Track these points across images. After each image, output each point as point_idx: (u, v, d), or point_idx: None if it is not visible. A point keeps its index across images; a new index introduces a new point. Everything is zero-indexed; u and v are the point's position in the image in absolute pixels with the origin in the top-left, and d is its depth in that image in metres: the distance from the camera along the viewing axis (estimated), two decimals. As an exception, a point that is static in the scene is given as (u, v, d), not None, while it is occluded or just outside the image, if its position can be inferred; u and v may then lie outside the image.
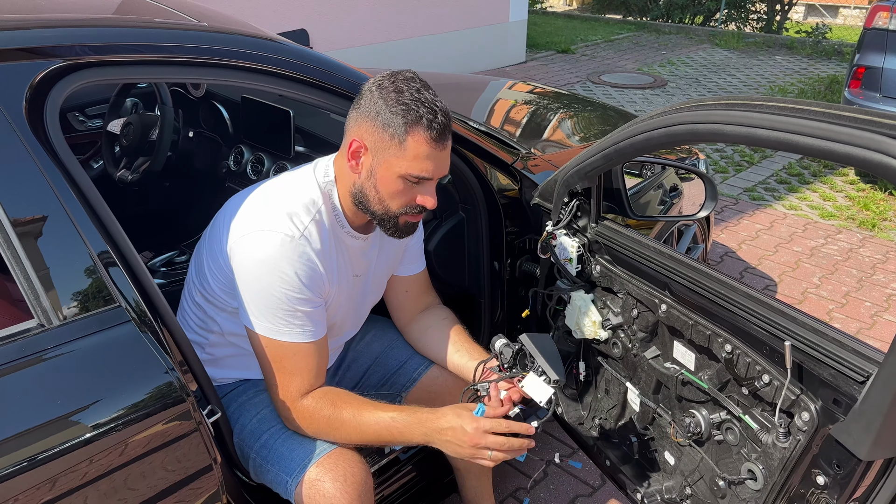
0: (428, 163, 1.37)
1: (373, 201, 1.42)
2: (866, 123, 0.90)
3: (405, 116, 1.32)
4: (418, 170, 1.37)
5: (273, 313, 1.38)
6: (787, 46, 9.84)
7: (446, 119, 1.36)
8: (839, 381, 1.13)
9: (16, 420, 1.06)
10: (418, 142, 1.34)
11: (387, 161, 1.37)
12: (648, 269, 1.54)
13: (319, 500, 1.40)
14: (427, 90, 1.37)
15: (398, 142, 1.34)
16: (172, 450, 1.23)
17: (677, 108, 1.24)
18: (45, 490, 1.07)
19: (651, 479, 1.69)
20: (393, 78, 1.37)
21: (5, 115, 1.14)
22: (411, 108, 1.32)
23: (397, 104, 1.33)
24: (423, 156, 1.35)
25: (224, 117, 2.61)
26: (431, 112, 1.34)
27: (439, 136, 1.35)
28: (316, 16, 6.11)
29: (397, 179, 1.38)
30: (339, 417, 1.43)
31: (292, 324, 1.40)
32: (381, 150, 1.36)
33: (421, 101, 1.34)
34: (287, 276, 1.36)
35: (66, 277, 1.15)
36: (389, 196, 1.40)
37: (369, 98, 1.36)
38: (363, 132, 1.37)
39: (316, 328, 1.43)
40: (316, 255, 1.40)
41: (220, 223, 1.47)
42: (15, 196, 1.12)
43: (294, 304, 1.38)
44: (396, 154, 1.35)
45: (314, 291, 1.41)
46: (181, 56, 1.37)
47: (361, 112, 1.37)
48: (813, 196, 4.72)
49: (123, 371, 1.18)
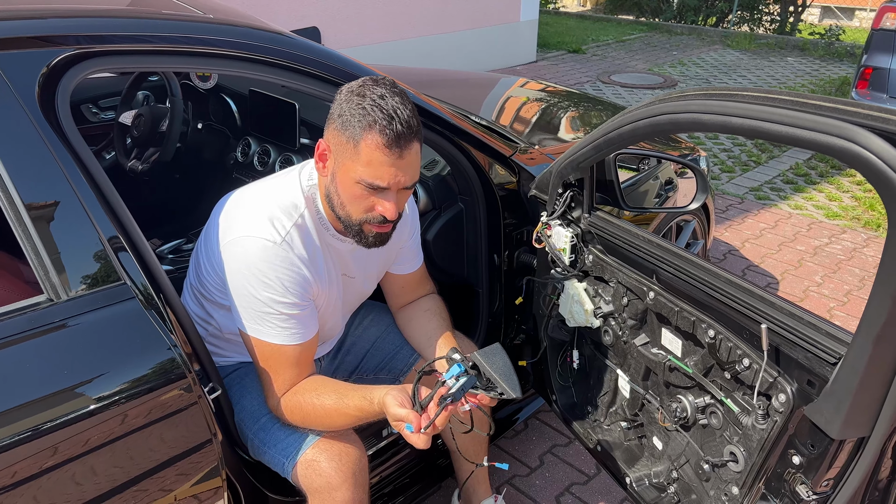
0: (382, 170, 1.34)
1: (337, 205, 1.42)
2: (830, 111, 0.94)
3: (361, 120, 1.31)
4: (371, 176, 1.34)
5: (259, 316, 1.41)
6: (800, 48, 9.82)
7: (404, 127, 1.32)
8: (813, 363, 1.17)
9: (25, 388, 1.11)
10: (370, 147, 1.32)
11: (344, 164, 1.36)
12: (637, 257, 1.58)
13: (315, 479, 1.45)
14: (393, 97, 1.33)
15: (353, 145, 1.33)
16: (174, 423, 1.28)
17: (661, 99, 1.28)
18: (50, 456, 1.12)
19: (640, 463, 1.73)
20: (363, 83, 1.36)
21: (19, 101, 1.20)
22: (367, 113, 1.31)
23: (357, 108, 1.32)
24: (376, 162, 1.33)
25: (232, 110, 2.67)
26: (387, 118, 1.31)
27: (393, 142, 1.31)
28: (328, 14, 6.18)
29: (354, 184, 1.37)
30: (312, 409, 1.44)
31: (279, 327, 1.42)
32: (339, 153, 1.36)
33: (380, 106, 1.31)
34: (270, 281, 1.38)
35: (74, 255, 1.20)
36: (349, 201, 1.40)
37: (338, 102, 1.36)
38: (329, 135, 1.38)
39: (304, 330, 1.45)
40: (300, 260, 1.42)
41: (211, 225, 1.48)
42: (26, 177, 1.18)
43: (280, 308, 1.40)
44: (352, 158, 1.34)
45: (300, 296, 1.42)
46: (186, 46, 1.43)
47: (330, 115, 1.38)
48: (819, 196, 4.73)
49: (128, 346, 1.23)
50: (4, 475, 1.07)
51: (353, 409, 1.41)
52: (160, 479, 1.29)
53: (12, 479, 1.08)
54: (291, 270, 1.40)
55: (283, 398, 1.47)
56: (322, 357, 1.83)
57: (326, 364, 1.86)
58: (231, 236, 1.41)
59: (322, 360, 1.84)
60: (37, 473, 1.11)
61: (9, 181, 1.16)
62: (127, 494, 1.24)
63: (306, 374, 1.50)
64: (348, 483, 1.44)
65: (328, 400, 1.43)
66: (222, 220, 1.45)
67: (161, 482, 1.29)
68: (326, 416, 1.44)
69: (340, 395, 1.44)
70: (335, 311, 1.64)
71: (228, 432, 1.57)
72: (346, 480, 1.44)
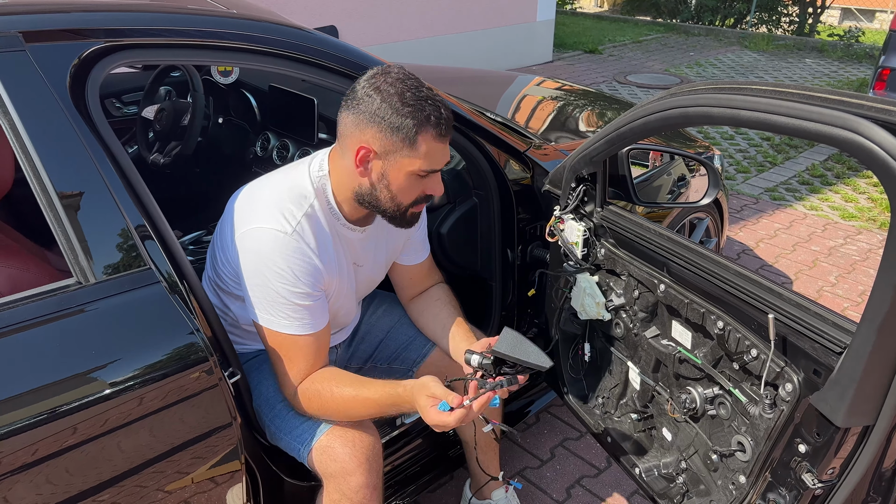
0: (439, 156, 1.43)
1: (384, 200, 1.46)
2: (836, 103, 0.97)
3: (414, 118, 1.35)
4: (430, 165, 1.42)
5: (272, 307, 1.43)
6: (818, 49, 9.76)
7: (449, 111, 1.41)
8: (819, 352, 1.19)
9: (54, 367, 1.16)
10: (429, 140, 1.38)
11: (398, 162, 1.40)
12: (649, 250, 1.61)
13: (330, 464, 1.49)
14: (423, 86, 1.40)
15: (409, 143, 1.37)
16: (195, 406, 1.31)
17: (671, 94, 1.31)
18: (73, 435, 1.16)
19: (649, 454, 1.76)
20: (386, 77, 1.38)
21: (51, 91, 1.25)
22: (418, 109, 1.35)
23: (403, 106, 1.35)
24: (433, 151, 1.41)
25: (252, 105, 2.72)
26: (436, 109, 1.38)
27: (445, 129, 1.40)
28: (345, 13, 6.23)
29: (409, 177, 1.42)
30: (331, 397, 1.47)
31: (291, 317, 1.44)
32: (391, 153, 1.39)
33: (424, 99, 1.37)
34: (282, 271, 1.40)
35: (101, 240, 1.25)
36: (401, 193, 1.45)
37: (369, 102, 1.36)
38: (369, 138, 1.38)
39: (315, 320, 1.47)
40: (310, 250, 1.44)
41: (225, 218, 1.52)
42: (58, 165, 1.23)
43: (292, 299, 1.42)
44: (408, 155, 1.39)
45: (312, 286, 1.45)
46: (210, 40, 1.47)
47: (362, 117, 1.37)
48: (835, 197, 4.72)
49: (152, 328, 1.27)
50: (30, 451, 1.11)
51: (374, 397, 1.45)
52: (180, 461, 1.32)
53: (35, 457, 1.12)
54: (303, 260, 1.42)
55: (300, 388, 1.50)
56: (339, 345, 1.87)
57: (342, 352, 1.89)
58: (243, 228, 1.44)
59: (338, 348, 1.88)
60: (62, 450, 1.15)
61: (41, 168, 1.20)
62: (146, 475, 1.28)
63: (320, 364, 1.52)
64: (363, 468, 1.48)
65: (348, 390, 1.46)
66: (235, 213, 1.48)
67: (181, 464, 1.33)
68: (345, 405, 1.47)
69: (360, 385, 1.47)
70: (349, 298, 1.67)
71: (247, 417, 1.61)
72: (361, 465, 1.48)
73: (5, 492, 1.10)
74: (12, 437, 1.09)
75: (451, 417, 1.33)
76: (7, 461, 1.09)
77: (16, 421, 1.09)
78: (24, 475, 1.11)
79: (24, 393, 1.12)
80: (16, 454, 1.10)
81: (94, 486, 1.20)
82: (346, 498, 1.48)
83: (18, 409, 1.10)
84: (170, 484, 1.33)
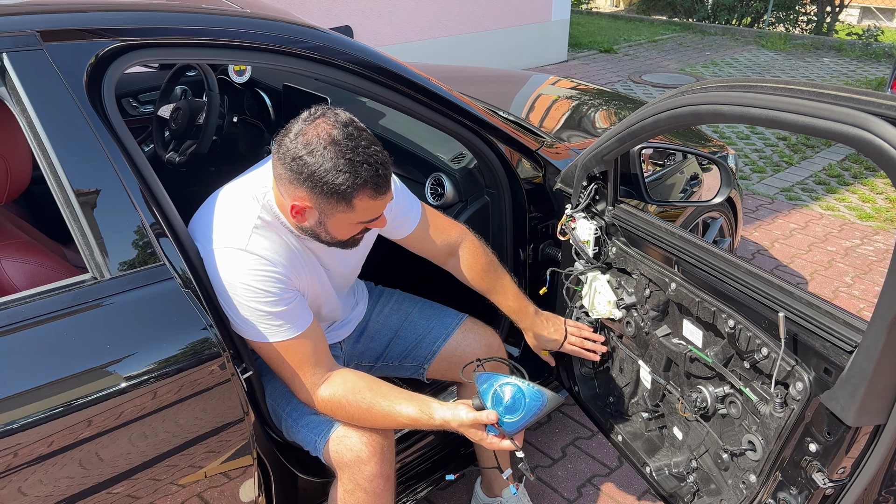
0: (378, 208, 1.41)
1: (323, 237, 1.46)
2: (846, 100, 0.96)
3: (349, 184, 1.32)
4: (370, 216, 1.42)
5: (253, 321, 1.42)
6: (836, 48, 9.67)
7: (387, 169, 1.37)
8: (830, 351, 1.19)
9: (70, 361, 1.17)
10: (365, 200, 1.36)
11: (336, 217, 1.40)
12: (660, 248, 1.61)
13: (346, 454, 1.50)
14: (359, 145, 1.32)
15: (345, 204, 1.35)
16: (208, 401, 1.32)
17: (682, 92, 1.31)
18: (88, 427, 1.17)
19: (660, 453, 1.75)
20: (319, 137, 1.31)
21: (68, 89, 1.27)
22: (353, 175, 1.31)
23: (337, 174, 1.31)
24: (371, 207, 1.39)
25: (266, 104, 2.75)
26: (372, 171, 1.33)
27: (384, 187, 1.37)
28: (360, 13, 6.25)
29: (347, 225, 1.43)
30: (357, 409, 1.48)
31: (272, 326, 1.43)
32: (328, 211, 1.38)
33: (360, 163, 1.31)
34: (247, 287, 1.39)
35: (116, 236, 1.27)
36: (341, 235, 1.46)
37: (300, 164, 1.32)
38: (303, 197, 1.36)
39: (297, 321, 1.46)
40: (268, 261, 1.42)
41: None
42: (74, 161, 1.25)
43: (267, 309, 1.41)
44: (346, 212, 1.38)
45: (281, 291, 1.43)
46: (224, 39, 1.49)
47: (294, 176, 1.33)
48: (852, 197, 4.68)
49: (166, 323, 1.29)
50: (46, 444, 1.13)
51: (405, 419, 1.47)
52: (193, 456, 1.34)
53: (50, 449, 1.13)
54: (264, 271, 1.41)
55: (320, 396, 1.49)
56: (342, 342, 1.88)
57: (348, 348, 1.90)
58: (203, 251, 1.42)
59: (342, 345, 1.88)
60: (76, 443, 1.16)
61: (58, 165, 1.22)
62: (159, 468, 1.29)
63: (326, 363, 1.52)
64: (377, 457, 1.49)
65: (379, 405, 1.47)
66: (194, 237, 1.45)
67: (193, 458, 1.34)
68: (374, 421, 1.49)
69: (392, 401, 1.48)
70: (328, 295, 1.67)
71: (260, 413, 1.62)
72: (375, 454, 1.49)
73: (20, 483, 1.12)
74: (28, 430, 1.11)
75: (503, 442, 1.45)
76: (23, 453, 1.11)
77: (30, 414, 1.11)
78: (39, 467, 1.13)
79: (41, 386, 1.13)
80: (31, 446, 1.11)
81: (108, 478, 1.22)
82: (360, 488, 1.50)
83: (34, 403, 1.12)
84: (183, 478, 1.34)
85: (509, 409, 1.42)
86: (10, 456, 1.10)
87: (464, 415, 1.44)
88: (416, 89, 1.79)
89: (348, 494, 1.51)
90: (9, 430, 1.09)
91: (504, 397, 1.43)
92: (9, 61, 1.23)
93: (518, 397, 1.42)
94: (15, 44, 1.24)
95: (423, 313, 1.92)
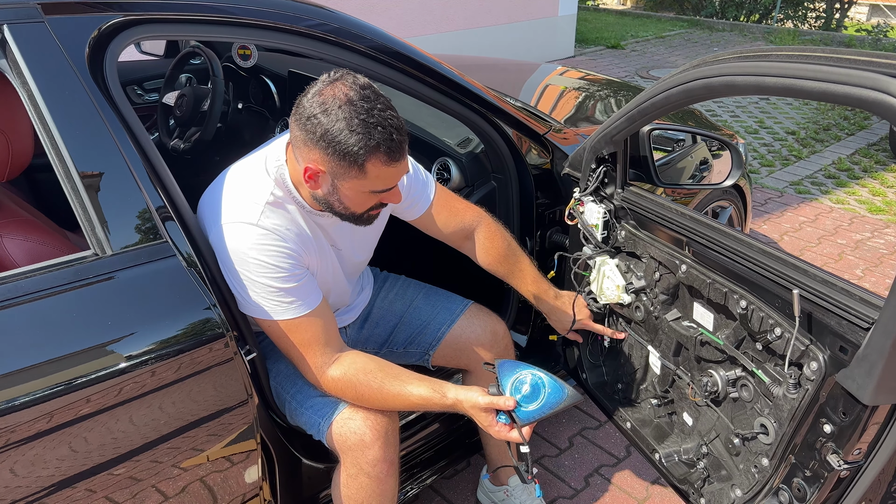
0: (390, 178, 1.37)
1: (337, 207, 1.42)
2: (864, 64, 0.93)
3: (362, 146, 1.28)
4: (382, 186, 1.37)
5: (262, 298, 1.40)
6: (846, 45, 9.60)
7: (401, 135, 1.32)
8: (845, 328, 1.16)
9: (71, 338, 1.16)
10: (378, 166, 1.31)
11: (348, 182, 1.35)
12: (671, 230, 1.58)
13: (349, 436, 1.48)
14: (375, 107, 1.29)
15: (357, 169, 1.31)
16: (211, 383, 1.31)
17: (694, 65, 1.28)
18: (87, 405, 1.15)
19: (670, 440, 1.73)
20: (335, 97, 1.28)
21: (70, 63, 1.25)
22: (366, 136, 1.27)
23: (351, 134, 1.27)
24: (385, 175, 1.35)
25: (272, 91, 2.73)
26: (386, 135, 1.29)
27: (398, 154, 1.32)
28: (367, 7, 6.24)
29: (360, 194, 1.38)
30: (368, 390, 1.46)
31: (282, 303, 1.41)
32: (340, 175, 1.34)
33: (374, 125, 1.28)
34: (258, 262, 1.37)
35: (119, 211, 1.25)
36: (355, 206, 1.42)
37: (315, 123, 1.29)
38: (316, 159, 1.32)
39: (306, 299, 1.44)
40: (280, 236, 1.40)
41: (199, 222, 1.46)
42: (76, 136, 1.23)
43: (277, 285, 1.39)
44: (357, 177, 1.33)
45: (292, 267, 1.41)
46: (229, 16, 1.47)
47: (309, 137, 1.30)
48: (862, 191, 4.63)
49: (169, 301, 1.27)
50: (46, 421, 1.11)
51: (416, 398, 1.45)
52: (195, 438, 1.32)
53: (50, 425, 1.12)
54: (275, 247, 1.39)
55: (329, 376, 1.47)
56: (347, 327, 1.85)
57: (353, 333, 1.88)
58: (213, 228, 1.40)
59: (347, 330, 1.86)
60: (76, 419, 1.14)
61: (59, 139, 1.21)
62: (161, 450, 1.27)
63: (335, 343, 1.50)
64: (380, 441, 1.47)
65: (391, 385, 1.45)
66: (203, 215, 1.44)
67: (196, 440, 1.32)
68: (384, 401, 1.47)
69: (403, 381, 1.46)
70: (338, 279, 1.65)
71: (264, 396, 1.60)
72: (379, 438, 1.47)
73: (18, 460, 1.10)
74: (27, 409, 1.09)
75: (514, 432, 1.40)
76: (22, 430, 1.09)
77: (30, 391, 1.10)
78: (38, 444, 1.11)
79: (41, 363, 1.12)
80: (30, 423, 1.10)
81: (108, 459, 1.20)
82: (363, 472, 1.47)
83: (33, 380, 1.10)
84: (185, 461, 1.32)
85: (527, 398, 1.40)
86: (7, 433, 1.08)
87: (478, 397, 1.42)
88: (422, 70, 1.77)
89: (351, 479, 1.49)
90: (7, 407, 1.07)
91: (523, 386, 1.40)
92: (10, 33, 1.21)
93: (538, 387, 1.40)
94: (16, 16, 1.23)
95: (427, 299, 1.90)
